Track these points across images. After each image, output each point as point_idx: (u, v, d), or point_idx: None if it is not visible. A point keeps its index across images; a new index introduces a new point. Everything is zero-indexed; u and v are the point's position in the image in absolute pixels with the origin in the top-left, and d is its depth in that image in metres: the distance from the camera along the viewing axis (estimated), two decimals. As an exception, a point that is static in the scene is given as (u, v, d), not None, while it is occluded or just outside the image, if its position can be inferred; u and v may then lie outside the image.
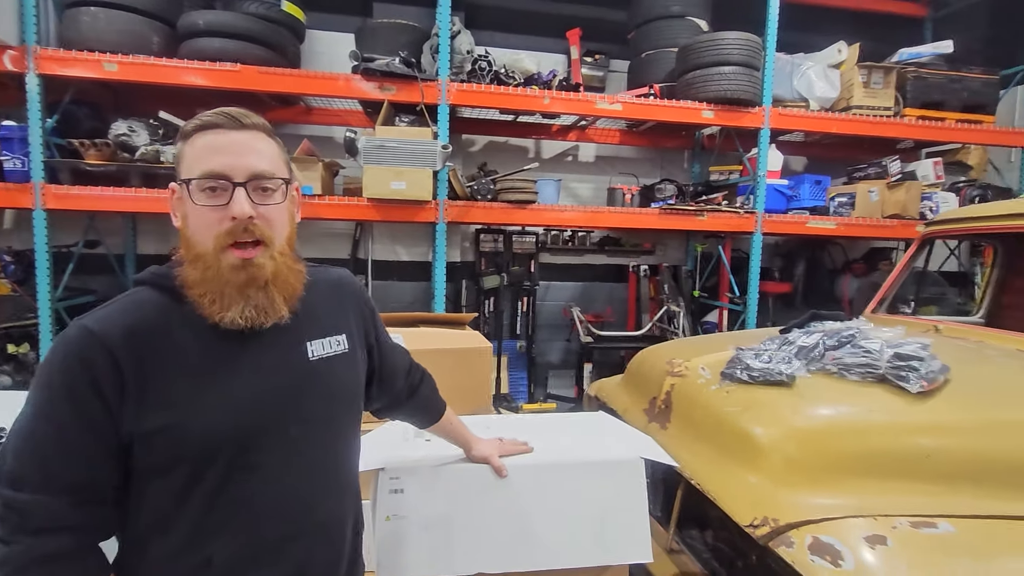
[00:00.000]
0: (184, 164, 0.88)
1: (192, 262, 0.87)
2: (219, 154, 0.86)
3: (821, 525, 1.25)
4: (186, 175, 0.87)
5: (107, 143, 3.25)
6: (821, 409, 1.51)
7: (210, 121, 0.87)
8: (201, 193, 0.85)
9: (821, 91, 4.22)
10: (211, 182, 0.85)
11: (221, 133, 0.87)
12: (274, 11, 3.59)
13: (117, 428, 0.81)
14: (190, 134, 0.88)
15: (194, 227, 0.87)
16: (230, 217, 0.85)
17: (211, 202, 0.85)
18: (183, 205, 0.89)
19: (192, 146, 0.88)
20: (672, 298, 4.60)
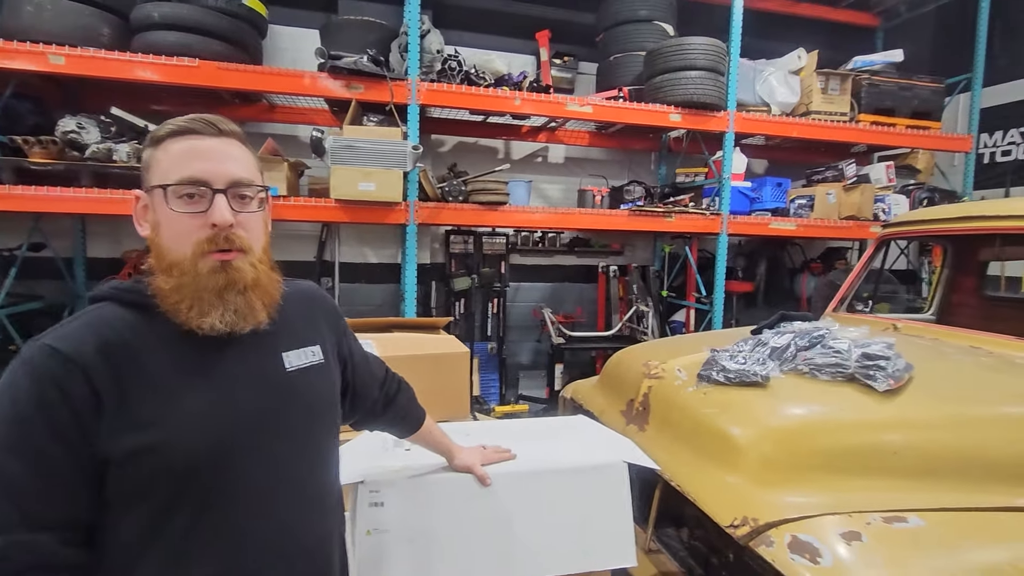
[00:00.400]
0: (157, 170, 0.83)
1: (166, 271, 0.82)
2: (198, 160, 0.83)
3: (799, 523, 1.28)
4: (160, 181, 0.82)
5: (54, 140, 3.06)
6: (795, 409, 1.55)
7: (185, 127, 0.84)
8: (179, 200, 0.82)
9: (782, 96, 4.36)
10: (190, 188, 0.82)
11: (198, 139, 0.84)
12: (234, 5, 3.45)
13: (93, 454, 0.75)
14: (162, 139, 0.84)
15: (169, 235, 0.83)
16: (210, 224, 0.82)
17: (189, 209, 0.82)
18: (153, 213, 0.84)
19: (166, 152, 0.83)
20: (641, 298, 4.67)
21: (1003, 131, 5.13)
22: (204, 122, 0.85)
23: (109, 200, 3.10)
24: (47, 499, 0.73)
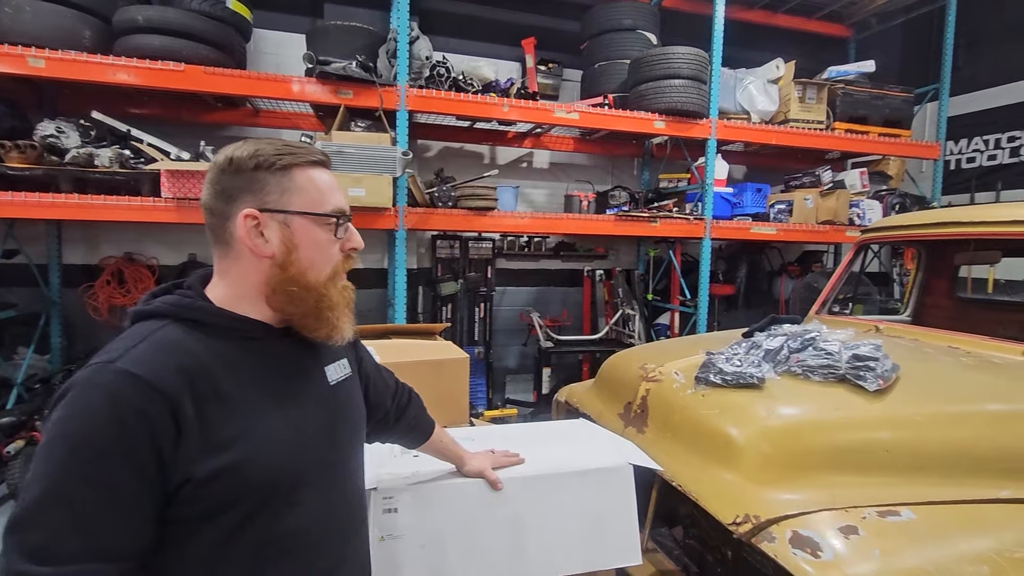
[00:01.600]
0: (300, 197, 0.87)
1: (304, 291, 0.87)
2: (338, 192, 0.92)
3: (799, 519, 1.33)
4: (311, 208, 0.87)
5: (32, 145, 2.98)
6: (791, 409, 1.60)
7: (320, 159, 0.90)
8: (327, 227, 0.89)
9: (762, 104, 4.49)
10: (339, 217, 0.90)
11: (326, 171, 0.92)
12: (219, 8, 3.42)
13: (166, 481, 0.74)
14: (290, 166, 0.86)
15: (313, 258, 0.88)
16: (349, 248, 0.93)
17: (340, 235, 0.91)
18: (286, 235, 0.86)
19: (295, 180, 0.87)
20: (627, 302, 4.73)
21: (967, 139, 5.37)
22: (322, 153, 0.92)
23: (89, 206, 3.03)
24: (115, 533, 0.71)
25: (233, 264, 0.87)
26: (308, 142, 3.23)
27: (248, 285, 0.86)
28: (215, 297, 0.87)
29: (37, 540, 0.68)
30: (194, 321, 0.82)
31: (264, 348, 0.87)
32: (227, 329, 0.84)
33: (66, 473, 0.70)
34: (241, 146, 0.86)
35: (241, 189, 0.84)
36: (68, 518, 0.69)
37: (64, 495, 0.69)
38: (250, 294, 0.87)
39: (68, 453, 0.70)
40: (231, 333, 0.84)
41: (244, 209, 0.83)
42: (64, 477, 0.69)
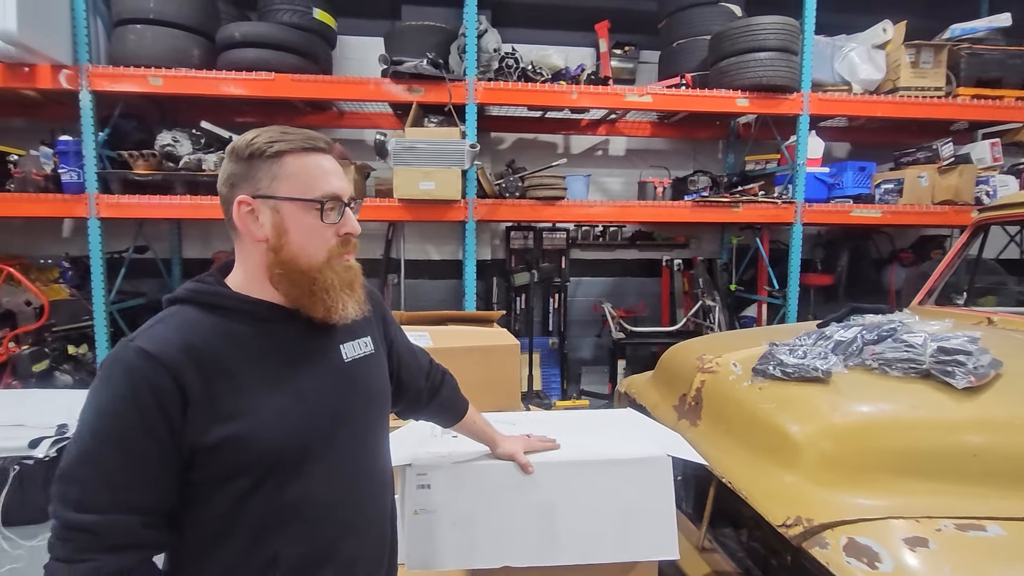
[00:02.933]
0: (291, 182, 0.90)
1: (300, 273, 0.91)
2: (333, 177, 0.93)
3: (857, 526, 1.20)
4: (299, 194, 0.90)
5: (153, 154, 3.41)
6: (860, 406, 1.45)
7: (312, 144, 0.92)
8: (318, 212, 0.91)
9: (865, 73, 4.04)
10: (332, 203, 0.92)
11: (323, 157, 0.93)
12: (306, 19, 3.69)
13: (179, 445, 0.83)
14: (282, 153, 0.89)
15: (303, 242, 0.91)
16: (344, 233, 0.94)
17: (329, 220, 0.92)
18: (277, 220, 0.90)
19: (287, 166, 0.89)
20: (707, 292, 4.49)
21: None
22: (323, 140, 0.94)
23: (200, 206, 3.42)
24: (135, 487, 0.81)
25: (241, 249, 0.94)
26: (383, 140, 3.41)
27: (254, 269, 0.93)
28: (234, 282, 0.94)
29: (75, 492, 0.80)
30: (209, 304, 0.91)
31: (274, 328, 0.93)
32: (237, 311, 0.91)
33: (94, 436, 0.81)
34: (245, 135, 0.92)
35: (239, 176, 0.91)
36: (97, 475, 0.80)
37: (93, 455, 0.81)
38: (259, 277, 0.93)
39: (95, 419, 0.82)
40: (241, 314, 0.91)
41: (239, 195, 0.90)
42: (93, 440, 0.81)
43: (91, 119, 3.30)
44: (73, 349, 3.59)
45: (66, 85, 3.27)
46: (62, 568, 0.79)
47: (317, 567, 0.92)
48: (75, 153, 3.36)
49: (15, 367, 3.33)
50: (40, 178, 3.38)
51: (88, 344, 3.64)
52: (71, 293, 3.74)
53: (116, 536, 0.80)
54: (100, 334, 3.43)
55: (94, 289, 3.42)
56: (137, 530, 0.81)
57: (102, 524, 0.79)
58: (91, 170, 3.33)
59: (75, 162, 3.36)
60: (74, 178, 3.37)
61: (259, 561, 0.88)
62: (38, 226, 4.11)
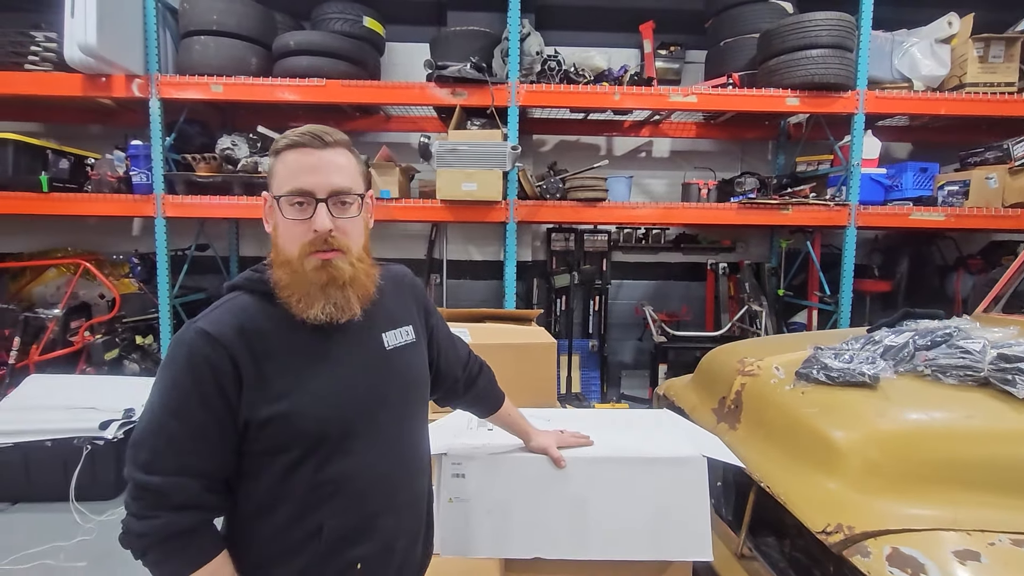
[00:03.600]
0: (275, 179, 0.97)
1: (281, 266, 0.97)
2: (305, 172, 0.94)
3: (902, 536, 1.15)
4: (276, 191, 0.97)
5: (214, 157, 3.62)
6: (910, 413, 1.39)
7: (297, 140, 0.96)
8: (290, 207, 0.95)
9: (927, 69, 3.84)
10: (298, 198, 0.94)
11: (307, 152, 0.95)
12: (357, 27, 3.83)
13: (235, 419, 0.91)
14: (280, 151, 0.97)
15: (283, 237, 0.97)
16: (313, 230, 0.94)
17: (297, 216, 0.95)
18: (274, 215, 0.99)
19: (283, 163, 0.97)
20: (754, 297, 4.36)
21: None
22: (312, 135, 0.95)
23: (256, 206, 3.60)
24: (196, 454, 0.90)
25: None
26: (426, 142, 3.50)
27: None
28: None
29: (145, 456, 0.89)
30: (260, 292, 0.98)
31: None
32: (277, 299, 0.97)
33: (163, 408, 0.91)
34: None
35: (268, 175, 1.00)
36: (164, 442, 0.89)
37: (160, 424, 0.90)
38: None
39: (162, 391, 0.91)
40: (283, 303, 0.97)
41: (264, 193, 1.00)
42: (160, 410, 0.91)
43: (159, 125, 3.54)
44: (140, 339, 3.85)
45: (138, 93, 3.52)
46: (134, 522, 0.88)
47: (358, 540, 0.98)
48: (144, 156, 3.61)
49: (89, 355, 3.60)
50: (114, 180, 3.65)
51: (153, 335, 3.90)
52: (139, 287, 4.02)
53: (180, 497, 0.88)
54: (164, 326, 3.67)
55: (159, 284, 3.66)
56: (198, 493, 0.89)
57: (167, 485, 0.88)
58: (158, 172, 3.57)
59: (144, 165, 3.61)
60: (143, 180, 3.62)
61: (305, 530, 0.95)
62: (111, 224, 4.44)
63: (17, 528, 2.81)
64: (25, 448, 2.97)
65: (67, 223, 4.34)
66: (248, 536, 0.96)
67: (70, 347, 3.62)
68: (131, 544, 0.89)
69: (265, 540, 0.95)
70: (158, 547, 0.88)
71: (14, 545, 2.61)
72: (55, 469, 2.99)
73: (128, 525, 0.89)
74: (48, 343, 3.60)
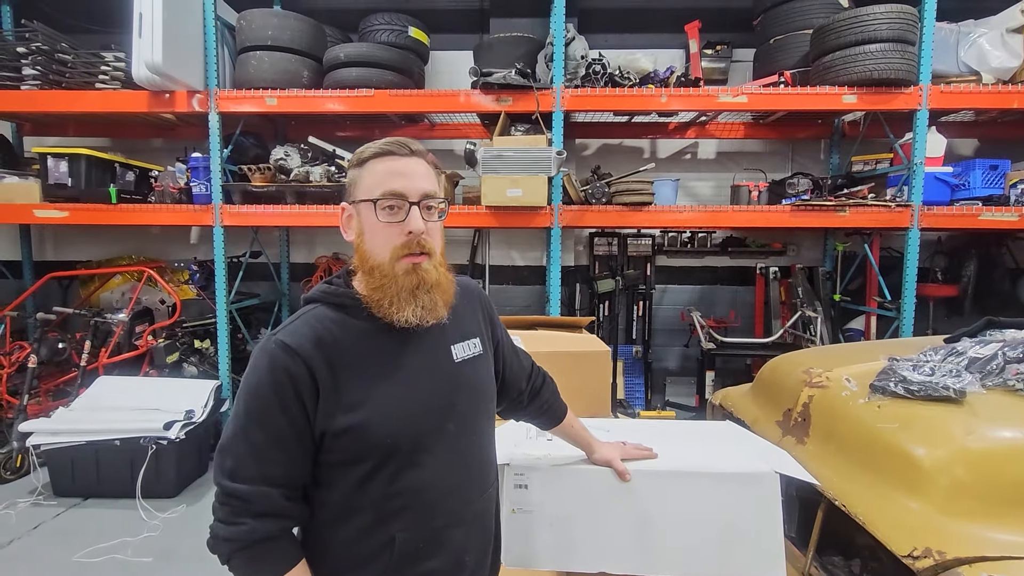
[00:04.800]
0: (361, 187, 0.99)
1: (369, 272, 0.98)
2: (397, 177, 0.97)
3: (1000, 564, 1.08)
4: (365, 195, 0.98)
5: (268, 167, 3.75)
6: (1002, 430, 1.30)
7: (385, 149, 0.98)
8: (382, 211, 0.96)
9: (997, 61, 3.63)
10: (391, 201, 0.96)
11: (395, 159, 0.98)
12: (402, 38, 3.90)
13: (312, 429, 0.93)
14: (366, 160, 0.99)
15: (372, 241, 0.98)
16: (407, 232, 0.96)
17: (390, 219, 0.96)
18: (358, 223, 1.00)
19: (370, 171, 0.99)
20: (807, 302, 4.21)
21: None
22: (398, 144, 0.98)
23: (307, 214, 3.71)
24: (278, 463, 0.91)
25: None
26: (472, 149, 3.52)
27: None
28: (357, 283, 1.02)
29: (229, 463, 0.92)
30: (336, 304, 1.00)
31: (390, 326, 0.99)
32: (358, 309, 0.99)
33: (246, 416, 0.93)
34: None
35: (348, 185, 1.02)
36: (247, 450, 0.92)
37: (244, 432, 0.92)
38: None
39: (246, 401, 0.93)
40: (362, 313, 0.99)
41: (342, 203, 1.02)
42: (245, 419, 0.93)
43: (218, 137, 3.69)
44: (198, 343, 4.02)
45: (198, 108, 3.67)
46: (221, 528, 0.91)
47: (430, 552, 0.98)
48: (204, 168, 3.76)
49: (152, 358, 3.78)
50: (175, 191, 3.83)
51: (211, 339, 4.05)
52: (197, 293, 4.19)
53: (262, 505, 0.90)
54: (221, 330, 3.81)
55: (217, 290, 3.80)
56: (280, 502, 0.91)
57: (251, 493, 0.90)
58: (216, 183, 3.71)
59: (204, 176, 3.77)
60: (203, 190, 3.78)
61: (378, 542, 0.95)
62: (171, 233, 4.65)
63: (89, 523, 2.97)
64: (97, 446, 3.14)
65: (131, 232, 4.57)
66: (323, 546, 0.98)
67: (135, 350, 3.80)
68: (217, 548, 0.91)
69: (339, 550, 0.97)
70: (242, 553, 0.90)
71: (87, 539, 2.76)
72: (123, 467, 3.14)
73: (215, 530, 0.91)
74: (115, 346, 3.79)
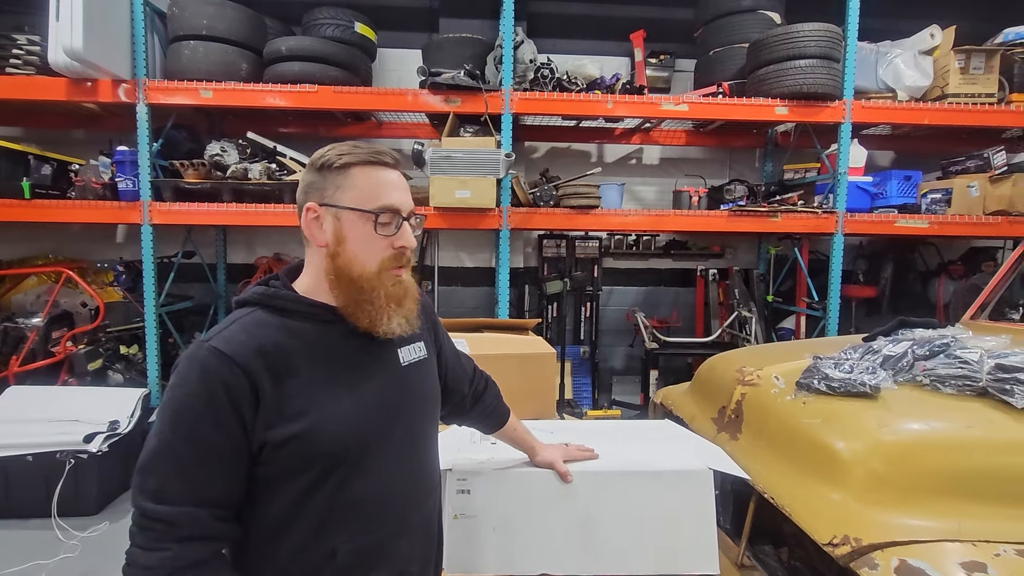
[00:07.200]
0: (347, 193, 0.93)
1: (348, 281, 0.94)
2: (393, 190, 0.95)
3: (910, 548, 1.16)
4: (356, 204, 0.93)
5: (203, 163, 3.56)
6: (911, 423, 1.40)
7: (376, 158, 0.95)
8: (374, 223, 0.93)
9: (911, 80, 3.93)
10: (388, 216, 0.94)
11: (386, 171, 0.96)
12: (348, 33, 3.81)
13: (250, 442, 0.87)
14: (349, 165, 0.94)
15: (357, 251, 0.94)
16: (399, 246, 0.95)
17: (383, 232, 0.94)
18: (337, 228, 0.94)
19: (357, 179, 0.94)
20: (743, 303, 4.41)
21: None
22: (387, 155, 0.96)
23: (245, 213, 3.55)
24: (208, 481, 0.85)
25: (308, 255, 0.99)
26: (420, 149, 3.48)
27: (318, 273, 0.97)
28: (301, 286, 0.98)
29: (152, 484, 0.84)
30: (276, 307, 0.95)
31: (336, 330, 0.96)
32: (302, 314, 0.95)
33: (172, 431, 0.85)
34: (323, 148, 0.97)
35: (311, 185, 0.96)
36: (173, 468, 0.84)
37: (170, 449, 0.85)
38: (321, 282, 0.97)
39: (172, 414, 0.86)
40: (306, 317, 0.95)
41: (308, 203, 0.95)
42: (170, 434, 0.85)
43: (146, 130, 3.48)
44: (125, 349, 3.76)
45: (124, 98, 3.45)
46: (141, 554, 0.83)
47: (373, 563, 0.95)
48: (131, 163, 3.53)
49: (72, 365, 3.51)
50: (98, 186, 3.57)
51: (139, 344, 3.81)
52: (124, 296, 3.92)
53: (189, 527, 0.83)
54: (150, 335, 3.59)
55: (145, 292, 3.58)
56: (208, 522, 0.85)
57: (176, 515, 0.83)
58: (145, 179, 3.50)
59: (131, 171, 3.53)
60: (129, 186, 3.54)
61: (319, 556, 0.91)
62: (95, 232, 4.34)
63: (-4, 546, 2.72)
64: (4, 463, 2.88)
65: (49, 230, 4.23)
66: (260, 563, 0.92)
67: (52, 357, 3.52)
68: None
69: (278, 567, 0.92)
70: None
71: (-6, 564, 2.53)
72: (36, 484, 2.90)
73: (133, 557, 0.83)
74: (28, 353, 3.49)
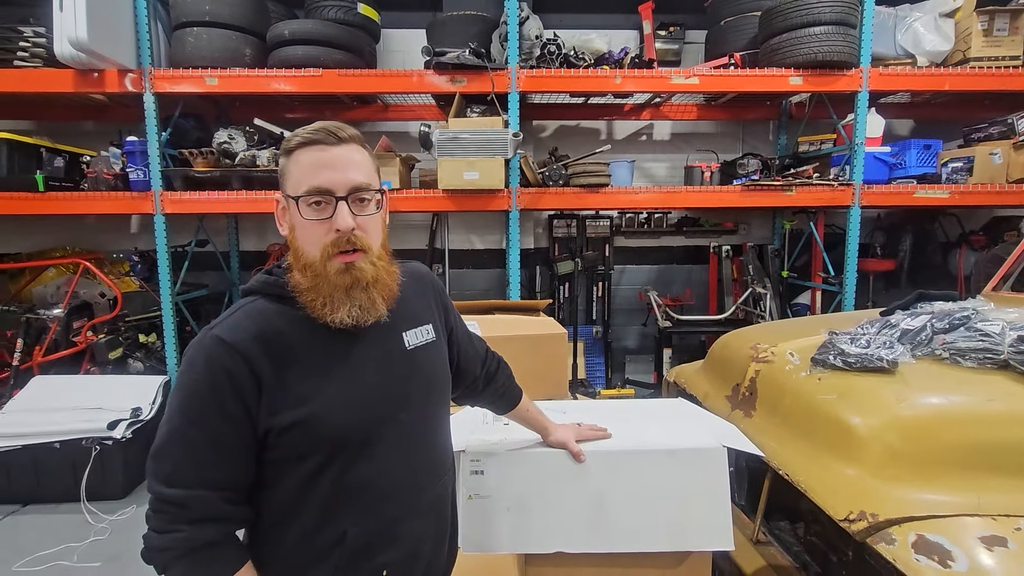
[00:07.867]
0: (290, 180, 0.94)
1: (301, 270, 0.94)
2: (323, 169, 0.91)
3: (927, 523, 1.15)
4: (292, 191, 0.92)
5: (211, 151, 3.56)
6: (930, 397, 1.38)
7: (311, 138, 0.92)
8: (308, 208, 0.91)
9: (931, 44, 3.78)
10: (316, 197, 0.91)
11: (322, 149, 0.92)
12: (351, 15, 3.75)
13: (255, 427, 0.89)
14: (293, 150, 0.93)
15: (302, 239, 0.94)
16: (335, 229, 0.91)
17: (317, 216, 0.91)
18: (290, 217, 0.95)
19: (296, 162, 0.93)
20: (757, 279, 4.36)
21: None
22: (326, 132, 0.92)
23: (255, 200, 3.55)
24: (217, 465, 0.88)
25: None
26: (427, 131, 3.45)
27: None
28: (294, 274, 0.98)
29: (165, 468, 0.87)
30: (277, 295, 0.96)
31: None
32: (296, 302, 0.94)
33: (181, 416, 0.88)
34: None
35: (279, 174, 0.97)
36: (183, 453, 0.87)
37: (180, 434, 0.88)
38: None
39: (181, 400, 0.89)
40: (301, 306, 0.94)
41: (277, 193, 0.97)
42: (181, 419, 0.88)
43: (154, 120, 3.48)
44: (144, 338, 3.83)
45: (131, 88, 3.44)
46: (155, 537, 0.86)
47: (382, 547, 0.97)
48: (141, 153, 3.55)
49: (93, 354, 3.58)
50: (110, 177, 3.60)
51: (157, 333, 3.87)
52: (140, 285, 3.98)
53: (201, 510, 0.86)
54: (167, 323, 3.64)
55: (161, 281, 3.62)
56: (219, 505, 0.87)
57: (188, 498, 0.85)
58: (155, 168, 3.51)
59: (141, 161, 3.55)
60: (140, 176, 3.56)
61: (328, 538, 0.93)
62: (109, 222, 4.39)
63: (29, 530, 2.82)
64: (33, 450, 2.97)
65: (65, 222, 4.28)
66: (271, 546, 0.95)
67: (73, 347, 3.59)
68: (153, 559, 0.87)
69: (288, 549, 0.94)
70: (180, 561, 0.86)
71: (27, 547, 2.62)
72: (64, 470, 2.99)
73: (149, 540, 0.87)
74: (51, 344, 3.57)
